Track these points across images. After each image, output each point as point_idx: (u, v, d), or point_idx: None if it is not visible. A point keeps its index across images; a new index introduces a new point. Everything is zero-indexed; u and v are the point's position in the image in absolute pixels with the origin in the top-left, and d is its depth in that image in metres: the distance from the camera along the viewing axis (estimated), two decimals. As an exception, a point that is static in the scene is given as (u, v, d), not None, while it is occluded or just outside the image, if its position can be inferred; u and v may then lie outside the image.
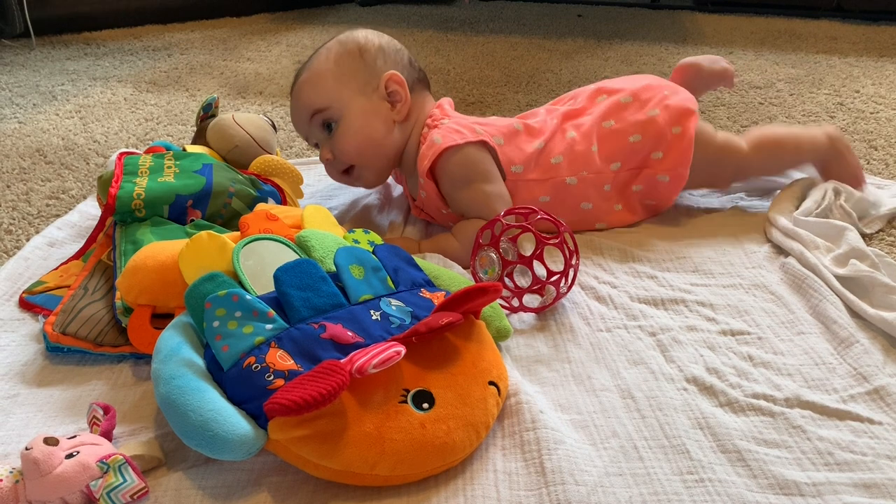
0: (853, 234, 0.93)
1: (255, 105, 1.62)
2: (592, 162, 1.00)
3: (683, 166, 1.01)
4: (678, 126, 1.01)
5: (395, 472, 0.61)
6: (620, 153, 1.01)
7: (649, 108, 1.02)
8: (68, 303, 0.83)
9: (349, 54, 0.99)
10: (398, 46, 1.03)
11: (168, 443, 0.67)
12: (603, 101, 1.05)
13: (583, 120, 1.03)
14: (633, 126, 1.01)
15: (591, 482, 0.62)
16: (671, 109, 1.01)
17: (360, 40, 1.00)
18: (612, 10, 2.48)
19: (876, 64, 1.80)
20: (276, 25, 2.36)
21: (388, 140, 1.00)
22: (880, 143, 1.31)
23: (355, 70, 0.99)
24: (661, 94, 1.03)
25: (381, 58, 1.00)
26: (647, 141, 1.01)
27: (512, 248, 0.86)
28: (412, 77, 1.02)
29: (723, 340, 0.80)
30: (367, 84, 0.99)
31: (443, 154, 0.95)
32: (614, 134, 1.01)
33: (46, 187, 1.22)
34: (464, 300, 0.71)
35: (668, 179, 1.02)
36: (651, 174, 1.02)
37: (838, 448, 0.65)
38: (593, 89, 1.08)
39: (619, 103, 1.03)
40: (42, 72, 1.87)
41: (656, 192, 1.03)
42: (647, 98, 1.03)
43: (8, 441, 0.68)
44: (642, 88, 1.04)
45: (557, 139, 1.01)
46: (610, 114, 1.02)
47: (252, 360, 0.63)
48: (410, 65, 1.03)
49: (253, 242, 0.78)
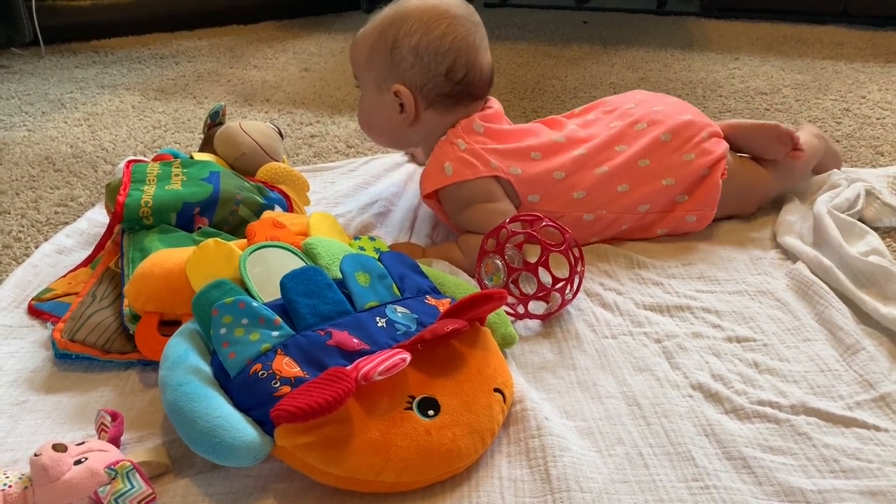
0: (875, 238, 0.94)
1: (261, 113, 1.62)
2: (617, 203, 0.98)
3: (710, 207, 0.99)
4: (707, 169, 0.99)
5: (400, 478, 0.61)
6: (651, 196, 0.98)
7: (685, 151, 0.98)
8: (77, 310, 0.83)
9: (384, 42, 0.95)
10: (443, 49, 0.93)
11: (175, 449, 0.67)
12: (642, 131, 0.99)
13: (618, 150, 0.98)
14: (668, 169, 0.98)
15: (597, 489, 0.62)
16: (706, 154, 0.98)
17: (402, 32, 0.93)
18: (618, 17, 2.48)
19: (882, 69, 1.80)
20: (282, 33, 2.37)
21: (394, 132, 1.01)
22: (886, 148, 1.31)
23: (380, 63, 0.96)
24: (699, 137, 0.99)
25: (409, 60, 0.94)
26: (678, 185, 0.98)
27: (517, 254, 0.87)
28: (439, 90, 0.95)
29: (728, 347, 0.80)
30: (384, 80, 0.96)
31: (448, 186, 0.95)
32: (648, 174, 0.97)
33: (55, 195, 1.23)
34: (469, 307, 0.71)
35: (695, 220, 1.00)
36: (679, 216, 1.00)
37: (844, 455, 0.65)
38: (634, 113, 1.02)
39: (658, 141, 0.98)
40: (51, 80, 1.89)
41: (680, 230, 1.02)
42: (686, 137, 0.99)
43: (17, 447, 0.69)
44: (683, 126, 0.99)
45: (586, 172, 0.97)
46: (647, 152, 0.98)
47: (258, 367, 0.64)
48: (446, 75, 0.94)
49: (260, 250, 0.78)
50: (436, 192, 0.97)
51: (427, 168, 0.97)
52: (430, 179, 0.96)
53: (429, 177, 0.96)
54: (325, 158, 1.37)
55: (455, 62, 0.94)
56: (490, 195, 0.95)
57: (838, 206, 1.00)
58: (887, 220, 1.02)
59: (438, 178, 0.95)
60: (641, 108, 1.03)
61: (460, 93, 0.96)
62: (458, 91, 0.96)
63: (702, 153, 0.98)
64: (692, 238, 1.03)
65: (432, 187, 0.95)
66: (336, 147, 1.41)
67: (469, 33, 0.95)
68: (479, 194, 0.95)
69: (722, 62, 1.91)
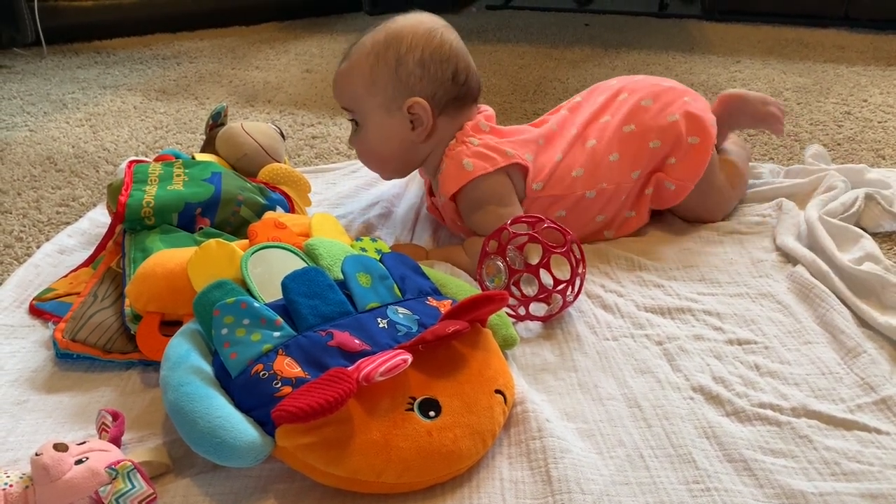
0: (869, 241, 0.94)
1: (263, 113, 1.63)
2: (613, 173, 0.99)
3: (691, 179, 1.01)
4: (695, 136, 1.00)
5: (401, 479, 0.61)
6: (641, 160, 1.00)
7: (669, 112, 1.01)
8: (78, 310, 0.83)
9: (385, 65, 0.94)
10: (445, 55, 0.95)
11: (176, 449, 0.67)
12: (624, 101, 1.03)
13: (604, 122, 1.02)
14: (654, 131, 1.00)
15: (598, 491, 0.62)
16: (691, 117, 1.01)
17: (403, 49, 0.94)
18: (620, 19, 2.48)
19: (884, 73, 1.80)
20: (284, 34, 2.37)
21: (404, 156, 1.00)
22: (888, 152, 1.31)
23: (386, 84, 0.95)
24: (682, 101, 1.02)
25: (416, 74, 0.94)
26: (665, 146, 1.00)
27: (519, 256, 0.87)
28: (448, 95, 0.96)
29: (729, 350, 0.80)
30: (393, 101, 0.95)
31: (471, 181, 0.95)
32: (635, 139, 1.00)
33: (57, 195, 1.23)
34: (470, 308, 0.71)
35: (673, 188, 1.02)
36: (662, 178, 1.02)
37: (845, 458, 0.65)
38: (617, 87, 1.07)
39: (639, 106, 1.02)
40: (53, 80, 1.89)
41: (660, 197, 1.03)
42: (667, 101, 1.02)
43: (18, 447, 0.69)
44: (663, 91, 1.03)
45: (577, 149, 1.00)
46: (631, 117, 1.01)
47: (260, 368, 0.64)
48: (453, 79, 0.96)
49: (261, 250, 0.78)
50: (454, 196, 0.97)
51: (446, 170, 0.97)
52: (452, 179, 0.96)
53: (449, 177, 0.96)
54: (326, 159, 1.37)
55: (458, 66, 0.96)
56: (502, 198, 0.96)
57: (832, 211, 1.00)
58: (887, 224, 1.02)
59: (460, 176, 0.95)
60: (622, 82, 1.08)
61: (465, 95, 0.98)
62: (463, 93, 0.98)
63: (686, 116, 1.00)
64: (693, 240, 1.03)
65: (456, 186, 0.95)
66: (337, 148, 1.42)
67: (457, 38, 0.99)
68: (494, 195, 0.95)
69: (723, 65, 1.91)
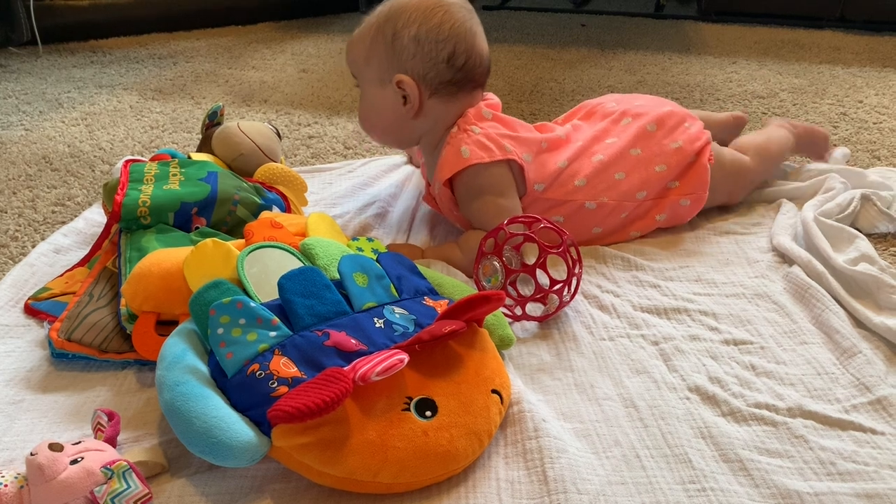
0: (864, 242, 0.94)
1: (259, 113, 1.62)
2: (616, 190, 1.00)
3: (703, 189, 1.03)
4: (694, 155, 1.03)
5: (397, 479, 0.61)
6: (647, 183, 1.01)
7: (672, 139, 1.03)
8: (73, 309, 0.83)
9: (383, 37, 0.95)
10: (443, 36, 0.93)
11: (172, 449, 0.67)
12: (628, 125, 1.04)
13: (610, 143, 1.02)
14: (659, 157, 1.02)
15: (594, 491, 0.62)
16: (693, 140, 1.03)
17: (400, 23, 0.94)
18: (616, 20, 2.49)
19: (879, 74, 1.80)
20: (280, 34, 2.37)
21: (398, 127, 1.00)
22: (883, 153, 1.31)
23: (381, 56, 0.96)
24: (683, 126, 1.05)
25: (410, 49, 0.94)
26: (670, 171, 1.02)
27: (515, 256, 0.87)
28: (442, 76, 0.95)
29: (725, 350, 0.80)
30: (385, 73, 0.96)
31: (466, 169, 0.95)
32: (641, 163, 1.01)
33: (52, 194, 1.22)
34: (467, 308, 0.71)
35: (689, 203, 1.03)
36: (674, 200, 1.03)
37: (840, 458, 0.65)
38: (617, 111, 1.07)
39: (644, 131, 1.03)
40: (48, 79, 1.88)
41: (677, 216, 1.05)
42: (671, 126, 1.04)
43: (13, 446, 0.69)
44: (665, 116, 1.05)
45: (584, 160, 1.00)
46: (636, 141, 1.02)
47: (256, 368, 0.64)
48: (447, 61, 0.94)
49: (257, 250, 0.78)
50: (450, 181, 0.97)
51: (444, 156, 0.97)
52: (448, 165, 0.96)
53: (446, 163, 0.96)
54: (322, 159, 1.37)
55: (455, 48, 0.94)
56: (502, 189, 0.96)
57: (827, 212, 1.00)
58: (882, 226, 1.02)
59: (456, 162, 0.95)
60: (622, 105, 1.09)
61: (462, 79, 0.96)
62: (459, 78, 0.96)
63: (688, 140, 1.03)
64: (689, 240, 1.03)
65: (451, 171, 0.95)
66: (334, 148, 1.41)
67: (465, 20, 0.96)
68: (493, 184, 0.95)
69: (719, 66, 1.91)
